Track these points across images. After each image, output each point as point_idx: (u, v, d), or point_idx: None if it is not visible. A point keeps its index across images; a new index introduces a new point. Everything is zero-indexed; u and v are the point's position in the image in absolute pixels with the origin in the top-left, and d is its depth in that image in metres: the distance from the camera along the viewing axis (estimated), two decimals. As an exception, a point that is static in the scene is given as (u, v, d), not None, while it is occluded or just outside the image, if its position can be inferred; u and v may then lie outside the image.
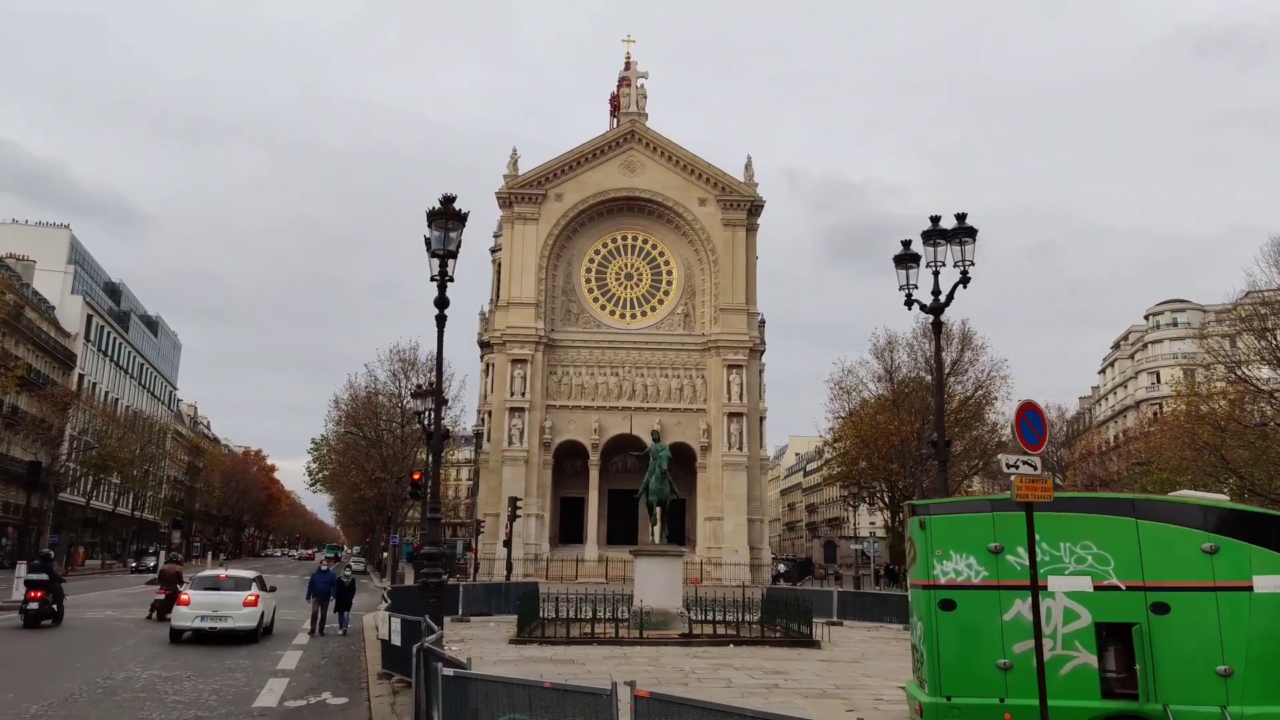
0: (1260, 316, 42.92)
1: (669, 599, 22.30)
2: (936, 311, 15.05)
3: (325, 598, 24.45)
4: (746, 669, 16.51)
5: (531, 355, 66.11)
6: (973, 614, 9.58)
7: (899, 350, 64.45)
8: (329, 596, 24.60)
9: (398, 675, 14.48)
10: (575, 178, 69.51)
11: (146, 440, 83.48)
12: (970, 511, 10.07)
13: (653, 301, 70.11)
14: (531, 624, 22.18)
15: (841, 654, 19.44)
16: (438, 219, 14.54)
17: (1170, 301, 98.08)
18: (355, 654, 19.91)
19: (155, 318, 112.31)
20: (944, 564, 9.76)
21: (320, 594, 24.40)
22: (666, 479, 24.06)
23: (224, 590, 21.36)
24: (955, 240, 14.56)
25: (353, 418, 63.71)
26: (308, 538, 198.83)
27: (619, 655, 18.18)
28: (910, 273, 15.70)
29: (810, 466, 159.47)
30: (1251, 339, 43.81)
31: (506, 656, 18.26)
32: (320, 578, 24.89)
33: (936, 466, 14.88)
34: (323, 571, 25.42)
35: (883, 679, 15.68)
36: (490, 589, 31.12)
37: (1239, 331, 45.43)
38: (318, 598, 24.32)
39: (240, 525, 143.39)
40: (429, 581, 14.82)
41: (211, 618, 20.81)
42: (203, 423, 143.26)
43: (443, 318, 15.03)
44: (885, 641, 22.86)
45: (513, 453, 64.30)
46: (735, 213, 69.49)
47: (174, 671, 16.45)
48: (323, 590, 24.53)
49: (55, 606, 24.32)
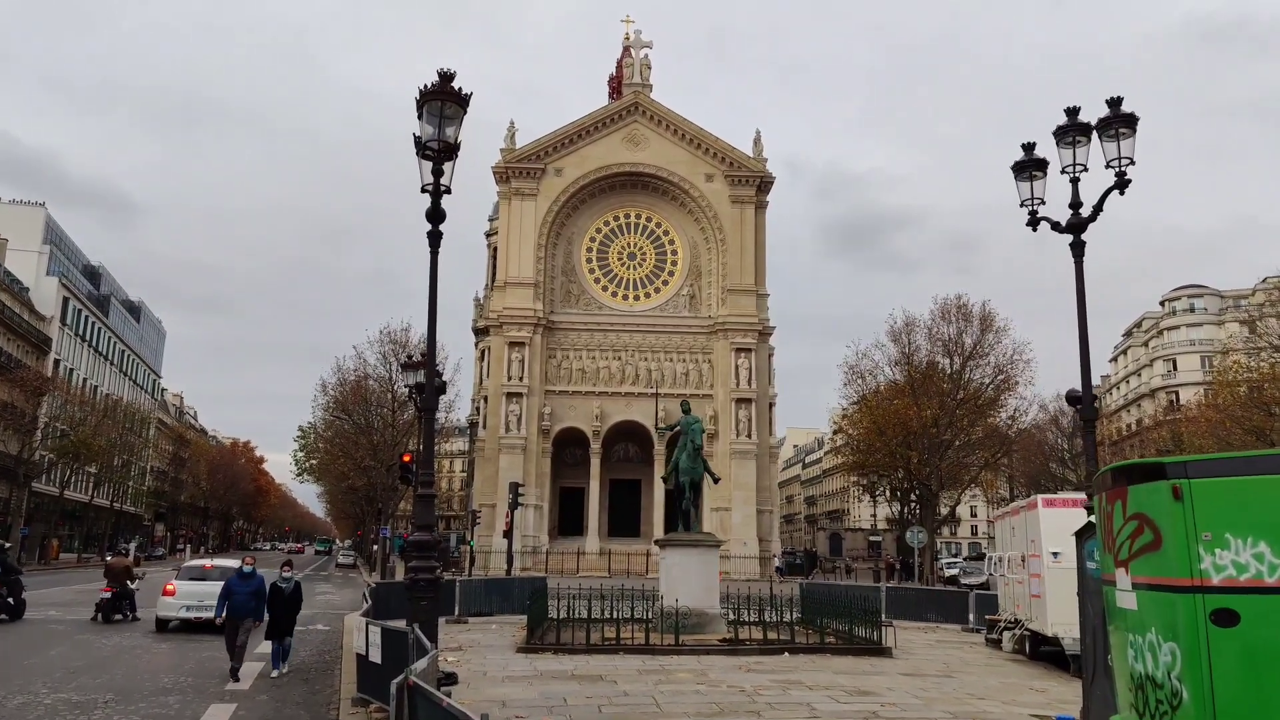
0: None
1: (705, 597, 18.90)
2: (1077, 229, 11.61)
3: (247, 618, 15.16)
4: (822, 687, 13.13)
5: (530, 338, 62.65)
6: (1267, 631, 6.17)
7: (917, 333, 61.26)
8: (254, 616, 15.29)
9: (377, 703, 11.06)
10: (576, 152, 65.96)
11: (126, 428, 79.67)
12: (1259, 472, 6.60)
13: (657, 282, 66.68)
14: (542, 627, 18.74)
15: (922, 665, 16.10)
16: (431, 103, 11.06)
17: (1187, 287, 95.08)
18: (329, 667, 16.46)
19: (138, 303, 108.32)
20: (1218, 554, 6.34)
21: (240, 613, 15.05)
22: (700, 456, 20.63)
23: (210, 580, 20.81)
24: (1107, 134, 11.13)
25: (341, 403, 60.05)
26: (298, 531, 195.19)
27: (655, 669, 14.75)
28: (1034, 184, 12.30)
29: (810, 458, 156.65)
30: None
31: (516, 670, 14.85)
32: (240, 585, 15.35)
33: (1084, 429, 11.44)
34: (244, 576, 15.58)
35: (1004, 704, 12.33)
36: (491, 585, 27.65)
37: None
38: (234, 619, 14.98)
39: (228, 518, 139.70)
40: (419, 579, 11.34)
41: (197, 608, 20.67)
42: (189, 412, 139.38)
43: (437, 234, 11.60)
44: (955, 647, 19.56)
45: (510, 440, 60.89)
46: (744, 189, 66.04)
47: (90, 694, 13.01)
48: (243, 606, 15.10)
49: (11, 600, 22.90)
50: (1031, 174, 12.25)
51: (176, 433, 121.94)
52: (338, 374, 60.39)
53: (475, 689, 12.91)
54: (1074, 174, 11.62)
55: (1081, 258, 11.54)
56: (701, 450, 20.68)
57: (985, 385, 60.50)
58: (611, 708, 11.52)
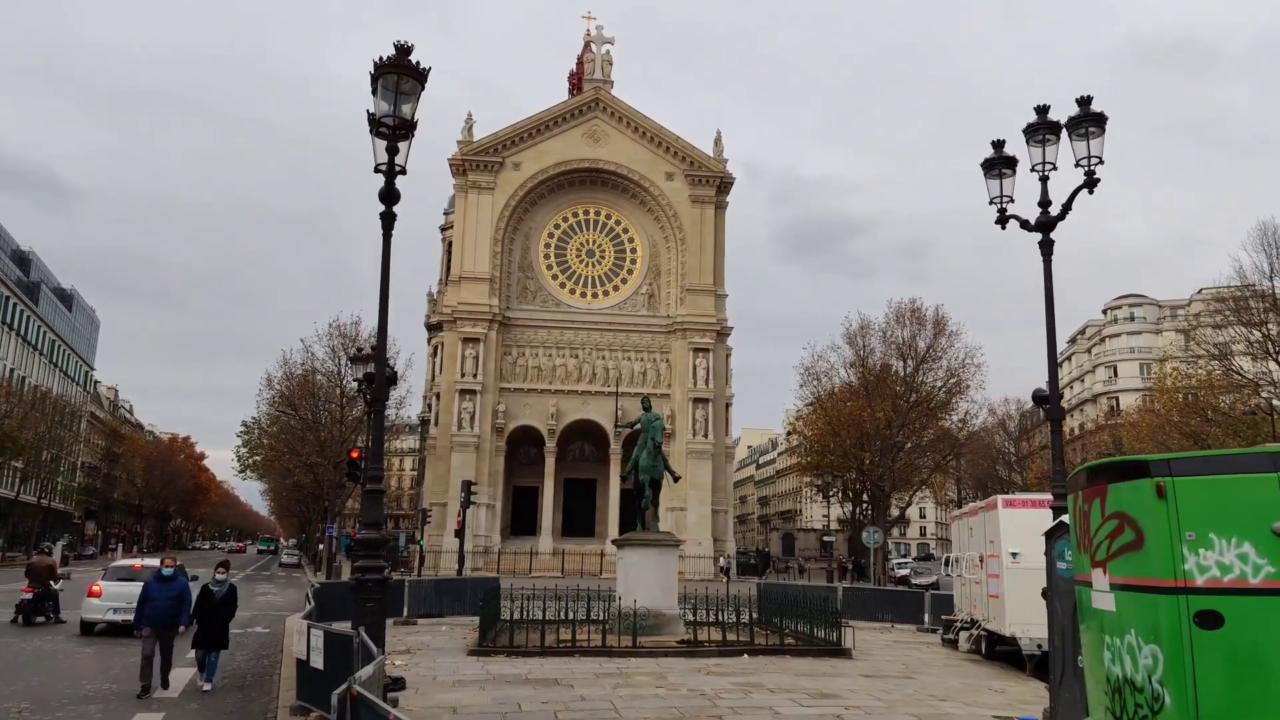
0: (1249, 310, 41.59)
1: (664, 598, 18.54)
2: (1046, 227, 11.48)
3: (169, 627, 13.36)
4: (783, 690, 12.85)
5: (485, 334, 61.82)
6: (1252, 633, 5.98)
7: (872, 336, 61.82)
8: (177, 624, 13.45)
9: (318, 711, 10.51)
10: (534, 146, 65.26)
11: (55, 421, 76.96)
12: (1243, 470, 6.42)
13: (615, 281, 66.27)
14: (495, 629, 18.23)
15: (882, 666, 15.92)
16: (386, 76, 10.56)
17: (1128, 296, 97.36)
18: (268, 672, 15.78)
19: (70, 291, 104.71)
20: (1202, 554, 6.14)
21: (160, 621, 13.22)
22: (661, 454, 20.29)
23: (140, 581, 18.45)
24: (1077, 132, 11.01)
25: (287, 398, 58.59)
26: (241, 530, 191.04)
27: (613, 672, 14.35)
28: (1004, 182, 12.15)
29: (764, 459, 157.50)
30: (1240, 329, 42.43)
31: (468, 674, 14.35)
32: (159, 589, 13.47)
33: (1051, 428, 11.33)
34: (164, 579, 13.69)
35: (965, 705, 12.17)
36: (441, 585, 27.00)
37: (1228, 323, 43.84)
38: (154, 628, 13.16)
39: (164, 516, 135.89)
40: (365, 578, 10.80)
41: (125, 610, 18.83)
42: (124, 407, 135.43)
43: (391, 216, 11.07)
44: (912, 647, 19.46)
45: (462, 438, 60.01)
46: (704, 189, 65.94)
47: (2, 703, 12.20)
48: (163, 613, 13.26)
49: None
50: (1001, 171, 12.11)
51: (110, 427, 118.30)
52: (284, 368, 58.98)
53: (424, 694, 12.42)
54: (1043, 172, 11.50)
55: (1050, 256, 11.42)
56: (661, 448, 20.34)
57: (937, 388, 61.25)
58: (568, 714, 11.12)
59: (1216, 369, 43.23)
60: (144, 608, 13.43)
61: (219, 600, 13.93)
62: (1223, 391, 43.03)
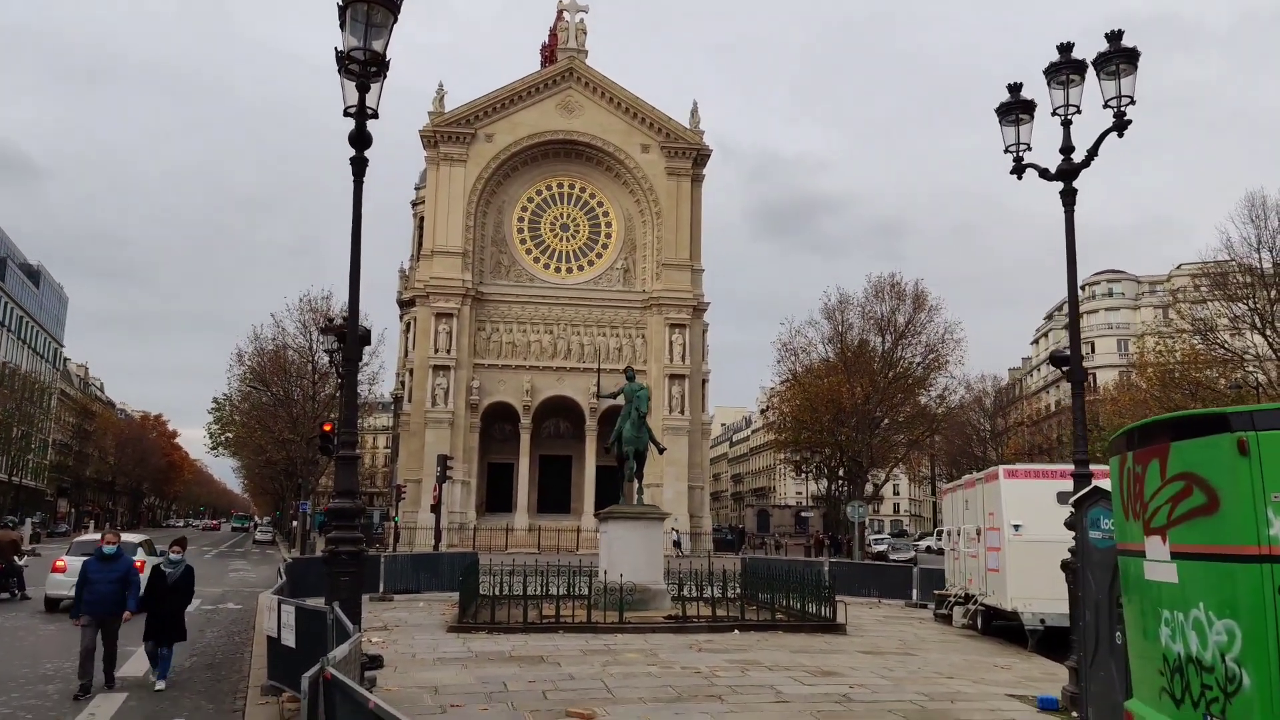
0: (1238, 284, 41.46)
1: (649, 572, 17.89)
2: (1068, 176, 10.78)
3: (112, 614, 11.41)
4: (782, 668, 12.24)
5: (458, 309, 60.67)
6: (1347, 607, 5.31)
7: (851, 310, 61.42)
8: (121, 611, 11.46)
9: (290, 692, 9.73)
10: (507, 117, 63.87)
11: (24, 398, 75.13)
12: (1337, 424, 5.73)
13: (590, 255, 65.25)
14: (475, 604, 17.48)
15: (879, 642, 15.38)
16: (355, 6, 9.60)
17: (1105, 272, 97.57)
18: (239, 650, 14.96)
19: (37, 266, 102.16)
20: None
21: (101, 608, 11.33)
22: (645, 425, 19.53)
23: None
24: (1106, 69, 10.28)
25: (258, 374, 57.27)
26: (215, 507, 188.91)
27: (601, 649, 13.68)
28: (1020, 128, 11.42)
29: (737, 437, 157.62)
30: (1223, 305, 42.35)
31: (449, 652, 13.62)
32: (100, 571, 11.52)
33: (1072, 390, 10.68)
34: (105, 558, 11.70)
35: (974, 683, 11.60)
36: (418, 560, 26.24)
37: (1213, 298, 43.74)
38: (93, 615, 11.31)
39: (138, 494, 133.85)
40: (340, 551, 9.96)
41: None
42: (95, 384, 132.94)
43: (362, 161, 10.16)
44: (905, 622, 18.97)
45: (436, 414, 59.02)
46: (680, 161, 64.91)
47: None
48: (104, 598, 11.35)
49: None
50: (1018, 117, 11.36)
51: (81, 404, 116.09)
52: (255, 343, 57.62)
53: (403, 673, 11.69)
54: (1065, 116, 10.77)
55: (1072, 206, 10.73)
56: (646, 419, 19.58)
57: (915, 364, 61.01)
58: (557, 693, 10.42)
59: (1199, 344, 43.16)
60: (82, 592, 11.41)
61: (173, 584, 11.91)
62: (1206, 366, 42.98)
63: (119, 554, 11.89)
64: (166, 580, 11.90)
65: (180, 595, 12.05)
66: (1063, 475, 15.95)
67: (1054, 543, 14.23)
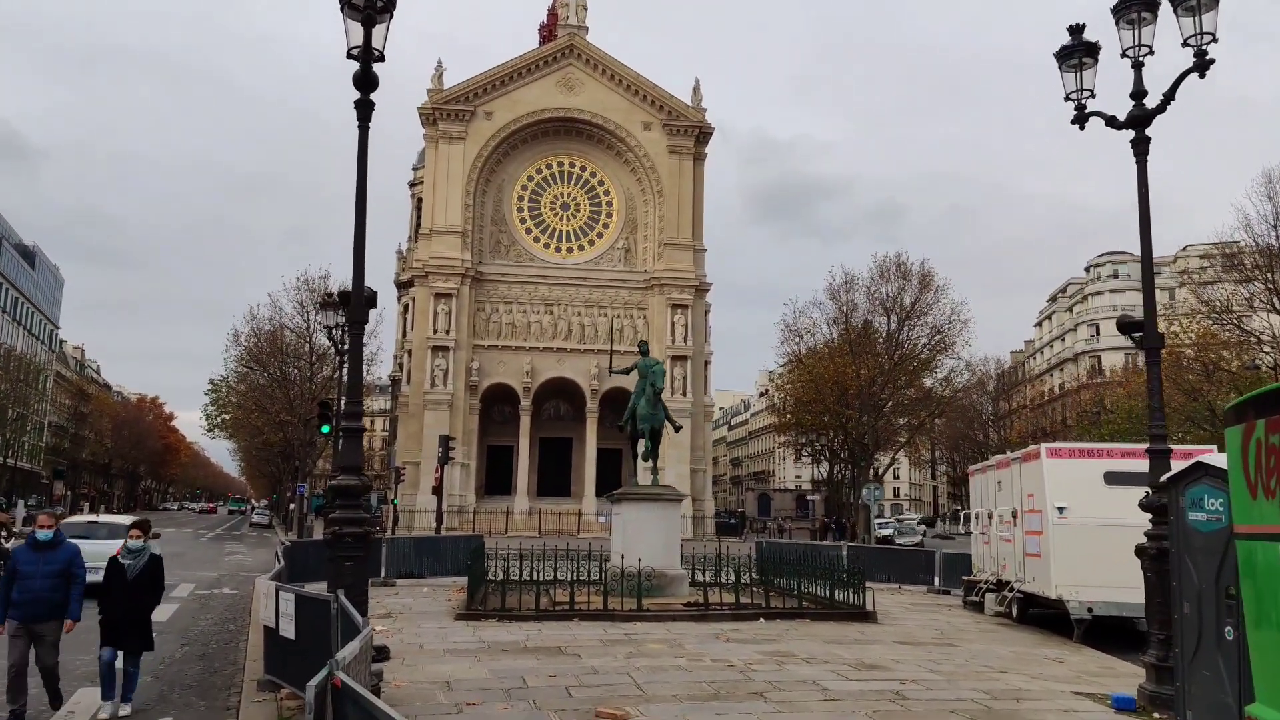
0: (1252, 264, 40.71)
1: (667, 556, 17.06)
2: (1140, 122, 9.82)
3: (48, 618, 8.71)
4: (820, 660, 11.40)
5: (457, 289, 59.63)
6: None
7: (856, 291, 60.33)
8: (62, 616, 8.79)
9: (289, 688, 8.83)
10: (507, 94, 62.63)
11: (19, 380, 74.10)
12: None
13: (591, 235, 64.15)
14: (483, 590, 16.61)
15: (914, 632, 14.55)
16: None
17: (1111, 254, 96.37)
18: (234, 639, 14.09)
19: (33, 248, 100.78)
20: None
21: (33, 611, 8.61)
22: (660, 402, 18.58)
23: (96, 539, 17.18)
24: (1184, 5, 9.32)
25: (255, 354, 56.19)
26: (211, 490, 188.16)
27: (621, 639, 12.81)
28: (1083, 74, 10.46)
29: (736, 420, 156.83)
30: (1236, 285, 41.58)
31: (458, 641, 12.76)
32: (33, 562, 8.74)
33: (1147, 358, 9.78)
34: (40, 545, 8.85)
35: (1032, 678, 10.75)
36: (421, 544, 25.38)
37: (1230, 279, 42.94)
38: (25, 621, 8.56)
39: (134, 477, 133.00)
40: (344, 532, 9.05)
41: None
42: (91, 366, 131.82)
43: (368, 104, 9.21)
44: (933, 610, 18.15)
45: (435, 395, 58.09)
46: (682, 139, 63.72)
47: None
48: (40, 600, 8.64)
49: None
50: (1080, 60, 10.38)
51: (77, 386, 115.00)
52: (251, 323, 56.49)
53: (412, 666, 10.82)
54: (1137, 57, 9.79)
55: (1145, 157, 9.77)
56: (661, 394, 18.62)
57: (921, 346, 60.02)
58: (582, 689, 9.55)
59: (1214, 325, 42.37)
60: (10, 589, 8.57)
61: (134, 579, 9.15)
62: (1223, 347, 42.19)
63: (59, 542, 8.96)
64: (125, 574, 9.14)
65: (145, 593, 9.27)
66: (1110, 455, 15.08)
67: (1102, 526, 13.38)
